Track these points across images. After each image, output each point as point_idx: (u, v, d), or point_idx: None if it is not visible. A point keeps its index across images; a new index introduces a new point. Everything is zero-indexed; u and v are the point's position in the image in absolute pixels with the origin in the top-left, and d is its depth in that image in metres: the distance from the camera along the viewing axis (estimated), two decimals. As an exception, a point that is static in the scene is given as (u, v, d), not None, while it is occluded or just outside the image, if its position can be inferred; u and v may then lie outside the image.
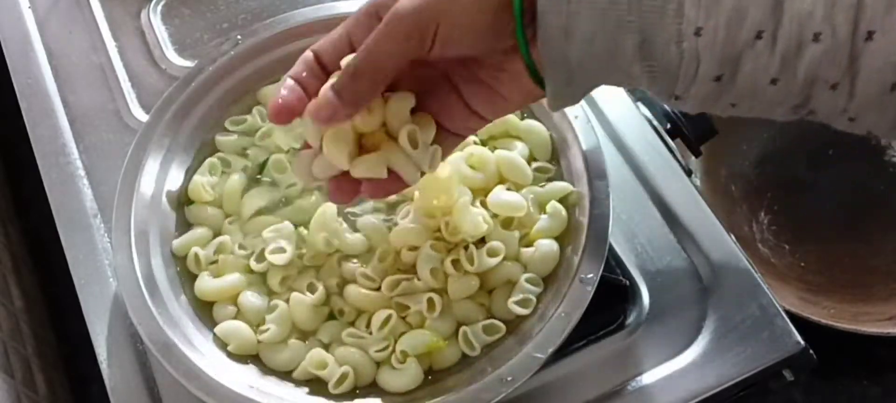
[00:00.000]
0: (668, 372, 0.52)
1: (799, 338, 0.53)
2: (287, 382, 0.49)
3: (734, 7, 0.35)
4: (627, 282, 0.55)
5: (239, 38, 0.65)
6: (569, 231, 0.52)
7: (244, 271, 0.52)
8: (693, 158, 0.69)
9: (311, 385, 0.49)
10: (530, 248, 0.51)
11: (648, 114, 0.63)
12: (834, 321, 0.79)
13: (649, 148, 0.61)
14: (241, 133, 0.58)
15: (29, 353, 0.71)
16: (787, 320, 0.53)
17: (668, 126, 0.63)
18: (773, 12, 0.35)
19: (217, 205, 0.56)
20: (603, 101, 0.64)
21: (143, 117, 0.63)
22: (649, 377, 0.52)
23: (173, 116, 0.57)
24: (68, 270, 0.57)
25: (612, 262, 0.55)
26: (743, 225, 0.92)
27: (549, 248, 0.51)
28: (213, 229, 0.55)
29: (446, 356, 0.49)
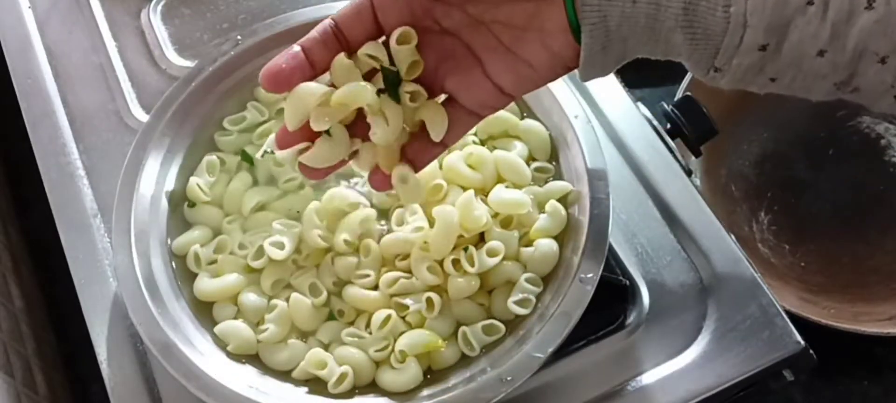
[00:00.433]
0: (668, 372, 0.52)
1: (799, 338, 0.53)
2: (286, 382, 0.49)
3: None
4: (627, 282, 0.55)
5: (239, 38, 0.65)
6: (568, 230, 0.52)
7: (244, 271, 0.52)
8: (693, 158, 0.69)
9: (310, 384, 0.49)
10: (530, 248, 0.51)
11: (648, 114, 0.63)
12: (834, 321, 0.79)
13: (649, 148, 0.61)
14: (239, 131, 0.58)
15: (29, 353, 0.71)
16: (787, 320, 0.53)
17: (668, 126, 0.63)
18: None
19: (216, 205, 0.56)
20: (603, 101, 0.64)
21: (143, 117, 0.63)
22: (649, 377, 0.52)
23: (173, 116, 0.57)
24: (68, 270, 0.57)
25: (612, 262, 0.55)
26: (743, 225, 0.92)
27: (548, 248, 0.51)
28: (213, 228, 0.55)
29: (445, 356, 0.49)
